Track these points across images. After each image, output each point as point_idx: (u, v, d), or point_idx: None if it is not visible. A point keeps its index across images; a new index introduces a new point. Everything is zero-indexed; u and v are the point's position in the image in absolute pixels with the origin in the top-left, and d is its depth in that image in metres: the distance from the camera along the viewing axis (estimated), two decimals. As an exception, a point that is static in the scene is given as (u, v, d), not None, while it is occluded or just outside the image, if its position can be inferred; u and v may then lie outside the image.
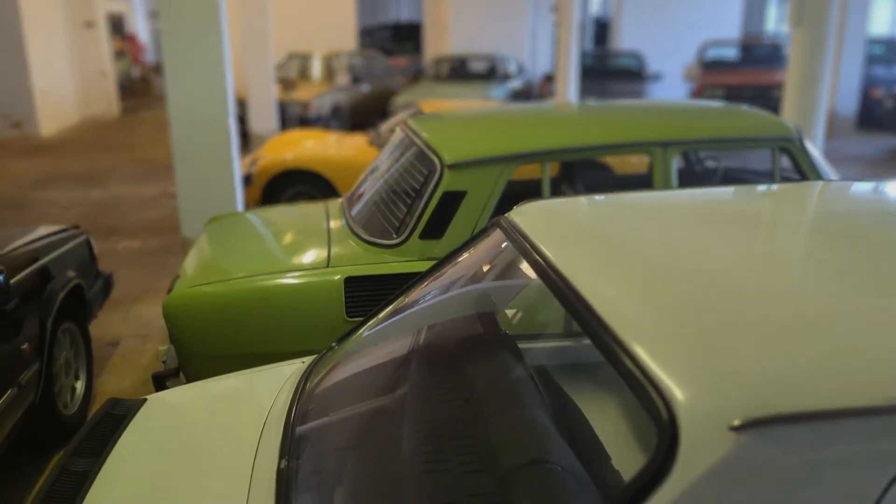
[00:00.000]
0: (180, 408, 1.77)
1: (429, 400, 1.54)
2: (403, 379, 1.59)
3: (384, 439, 1.45)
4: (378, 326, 1.78)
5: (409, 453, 1.40)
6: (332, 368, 1.68)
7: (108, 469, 1.50)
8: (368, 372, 1.68)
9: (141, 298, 4.78)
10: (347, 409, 1.55)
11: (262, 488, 1.33)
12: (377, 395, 1.58)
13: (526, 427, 1.37)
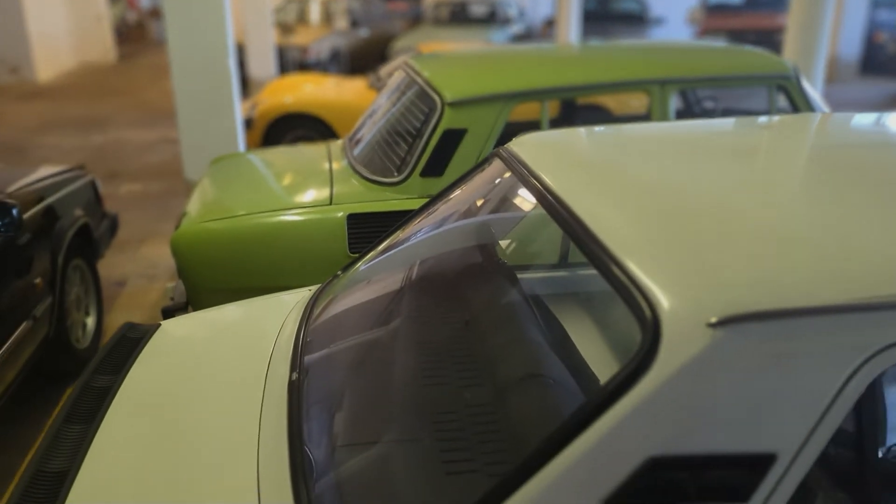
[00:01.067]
0: (194, 331, 1.85)
1: (430, 323, 1.62)
2: (406, 304, 1.67)
3: (388, 358, 1.53)
4: (381, 256, 1.85)
5: (412, 370, 1.49)
6: (337, 294, 1.76)
7: (127, 385, 1.60)
8: (372, 298, 1.76)
9: (146, 240, 4.85)
10: (352, 330, 1.63)
11: (274, 399, 1.42)
12: (381, 319, 1.66)
13: (521, 345, 1.46)
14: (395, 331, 1.58)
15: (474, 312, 1.64)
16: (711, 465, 0.89)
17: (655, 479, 0.89)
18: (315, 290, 1.87)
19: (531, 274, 1.97)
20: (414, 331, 1.58)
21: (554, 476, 0.91)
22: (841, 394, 0.90)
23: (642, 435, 0.90)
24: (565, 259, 2.03)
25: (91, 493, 1.28)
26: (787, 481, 0.90)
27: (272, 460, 1.26)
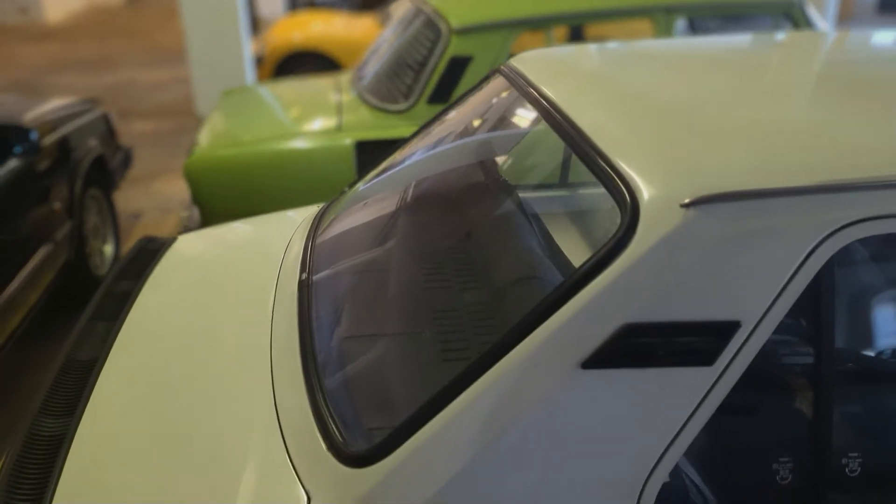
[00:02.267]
0: (209, 243, 1.95)
1: (432, 234, 1.71)
2: (409, 217, 1.75)
3: (392, 263, 1.62)
4: (386, 173, 1.93)
5: (414, 274, 1.58)
6: (344, 209, 1.85)
7: (147, 289, 1.70)
8: (377, 212, 1.84)
9: (159, 175, 4.94)
10: (358, 238, 1.72)
11: (285, 299, 1.52)
12: (386, 230, 1.75)
13: (517, 253, 1.54)
14: (399, 239, 1.67)
15: (475, 225, 1.72)
16: (680, 331, 0.98)
17: (629, 344, 0.98)
18: (323, 206, 1.96)
19: (531, 192, 2.05)
20: (417, 240, 1.66)
21: (538, 342, 1.00)
22: (802, 268, 0.98)
23: (619, 304, 0.98)
24: (565, 178, 2.10)
25: (117, 380, 1.39)
26: (749, 347, 0.98)
27: (285, 355, 1.36)
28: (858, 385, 1.11)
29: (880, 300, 1.13)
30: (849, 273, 1.03)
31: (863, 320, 1.11)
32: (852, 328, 1.10)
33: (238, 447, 1.17)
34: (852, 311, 1.08)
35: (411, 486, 1.01)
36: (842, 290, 1.01)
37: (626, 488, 1.00)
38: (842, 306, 1.03)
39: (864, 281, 1.09)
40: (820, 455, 1.02)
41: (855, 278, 1.07)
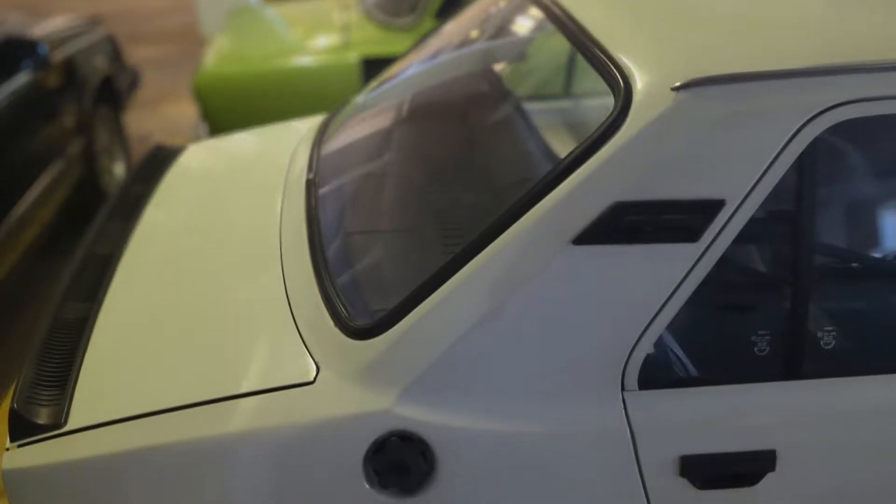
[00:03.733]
0: (220, 150, 2.00)
1: (435, 139, 1.75)
2: (412, 123, 1.78)
3: (396, 166, 1.66)
4: (390, 82, 1.96)
5: (418, 176, 1.63)
6: (350, 115, 1.88)
7: (160, 193, 1.76)
8: (382, 118, 1.87)
9: (167, 98, 4.96)
10: (363, 142, 1.76)
11: (293, 195, 1.58)
12: (390, 134, 1.78)
13: (518, 157, 1.58)
14: (402, 143, 1.71)
15: (475, 130, 1.76)
16: (667, 209, 1.03)
17: (619, 221, 1.03)
18: (329, 114, 1.99)
19: (532, 100, 2.07)
20: (419, 144, 1.70)
21: (532, 220, 1.05)
22: (786, 149, 1.02)
23: (610, 183, 1.03)
24: (567, 90, 2.13)
25: (135, 270, 1.46)
26: (733, 224, 1.03)
27: (294, 245, 1.42)
28: (837, 263, 1.17)
29: (862, 183, 1.18)
30: (831, 156, 1.07)
31: (844, 201, 1.16)
32: (834, 209, 1.15)
33: (251, 326, 1.25)
34: (834, 192, 1.13)
35: (412, 354, 1.09)
36: (824, 173, 1.06)
37: (612, 359, 1.07)
38: (824, 188, 1.08)
39: (847, 163, 1.14)
40: (797, 329, 1.08)
41: (838, 161, 1.12)
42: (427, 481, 1.09)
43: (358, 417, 1.08)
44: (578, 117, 2.01)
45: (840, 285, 1.15)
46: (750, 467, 1.09)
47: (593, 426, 1.09)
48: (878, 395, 1.10)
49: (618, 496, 1.11)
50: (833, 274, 1.15)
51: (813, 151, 1.03)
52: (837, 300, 1.15)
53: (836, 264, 1.16)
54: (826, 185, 1.08)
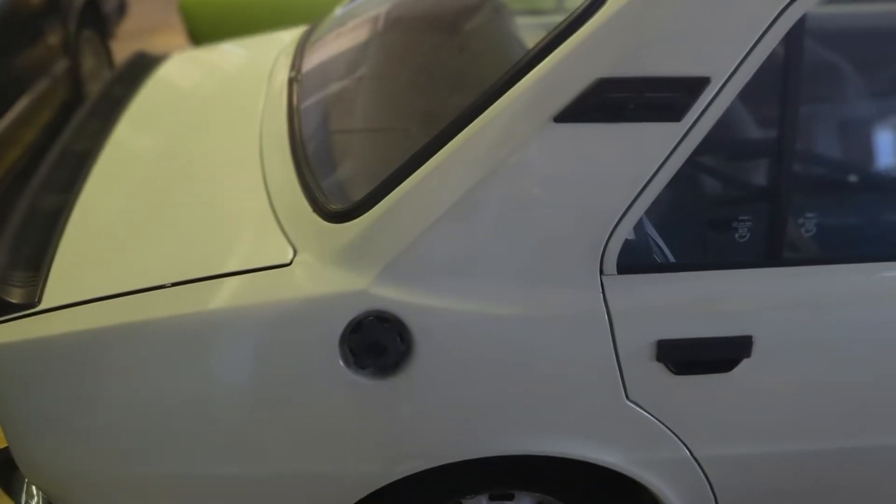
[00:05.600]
0: (204, 58, 1.96)
1: (425, 48, 1.70)
2: (393, 28, 1.73)
3: (375, 66, 1.61)
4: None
5: (406, 80, 1.59)
6: (334, 23, 1.83)
7: (142, 94, 1.73)
8: (368, 25, 1.83)
9: (157, 30, 4.86)
10: (348, 47, 1.72)
11: (275, 93, 1.55)
12: (377, 41, 1.74)
13: (501, 59, 1.54)
14: (384, 44, 1.66)
15: (469, 42, 1.72)
16: (651, 86, 1.00)
17: (601, 98, 1.01)
18: (314, 23, 1.95)
19: (527, 18, 2.03)
20: (402, 46, 1.65)
21: (514, 97, 1.03)
22: (773, 26, 0.99)
23: (593, 60, 1.00)
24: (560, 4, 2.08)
25: (114, 165, 1.44)
26: (718, 104, 1.01)
27: (274, 137, 1.39)
28: (822, 148, 1.15)
29: (852, 64, 1.16)
30: (821, 34, 1.05)
31: (834, 82, 1.14)
32: (822, 90, 1.13)
33: (229, 214, 1.23)
34: (823, 72, 1.11)
35: (390, 235, 1.07)
36: (813, 52, 1.04)
37: (591, 242, 1.06)
38: (812, 68, 1.05)
39: (838, 43, 1.11)
40: (778, 215, 1.07)
41: (828, 40, 1.09)
42: (403, 362, 1.09)
43: (334, 297, 1.07)
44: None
45: (824, 171, 1.13)
46: (726, 353, 1.09)
47: (571, 309, 1.08)
48: (857, 283, 1.10)
49: (593, 379, 1.11)
50: (817, 160, 1.13)
51: (801, 28, 1.00)
52: (821, 187, 1.13)
53: (821, 149, 1.14)
54: (815, 66, 1.06)
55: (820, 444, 1.18)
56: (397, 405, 1.11)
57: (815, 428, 1.17)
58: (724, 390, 1.12)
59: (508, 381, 1.10)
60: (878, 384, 1.14)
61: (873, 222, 1.13)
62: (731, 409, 1.14)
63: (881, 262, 1.10)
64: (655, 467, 1.18)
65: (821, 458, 1.20)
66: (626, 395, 1.12)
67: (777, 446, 1.18)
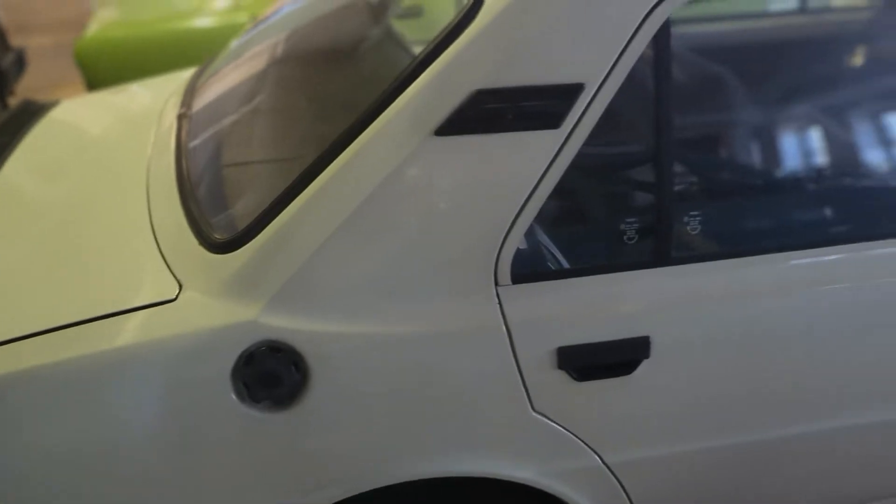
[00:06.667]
0: (95, 101, 1.90)
1: (313, 78, 1.68)
2: (290, 64, 1.71)
3: (272, 102, 1.59)
4: (262, 24, 1.88)
5: (295, 111, 1.56)
6: (224, 58, 1.81)
7: (29, 138, 1.66)
8: (257, 56, 1.80)
9: (60, 85, 4.73)
10: (231, 77, 1.67)
11: (164, 131, 1.51)
12: (264, 74, 1.71)
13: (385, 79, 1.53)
14: (278, 80, 1.64)
15: (356, 67, 1.70)
16: (527, 95, 1.01)
17: (480, 109, 1.01)
18: (206, 62, 1.92)
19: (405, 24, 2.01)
20: (297, 79, 1.64)
21: (393, 113, 1.02)
22: (640, 28, 1.02)
23: (469, 71, 1.01)
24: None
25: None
26: (594, 109, 1.03)
27: (160, 172, 1.35)
28: (699, 146, 1.18)
29: (720, 61, 1.19)
30: (688, 35, 1.08)
31: (704, 80, 1.17)
32: (695, 89, 1.16)
33: (114, 255, 1.18)
34: (694, 72, 1.14)
35: (277, 262, 1.04)
36: (682, 52, 1.07)
37: (483, 254, 1.06)
38: (683, 68, 1.08)
39: (704, 42, 1.15)
40: (663, 215, 1.09)
41: (693, 41, 1.12)
42: (300, 392, 1.05)
43: (222, 330, 1.03)
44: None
45: (704, 169, 1.16)
46: (625, 355, 1.09)
47: (469, 324, 1.07)
48: (745, 277, 1.12)
49: (498, 394, 1.09)
50: (697, 158, 1.16)
51: (666, 31, 1.03)
52: (702, 185, 1.16)
53: (700, 149, 1.17)
54: (684, 64, 1.09)
55: (728, 439, 1.19)
56: (298, 437, 1.07)
57: (720, 424, 1.18)
58: (627, 393, 1.12)
59: (410, 402, 1.08)
60: (776, 375, 1.16)
61: (755, 217, 1.16)
62: (637, 412, 1.14)
63: (764, 254, 1.12)
64: (568, 478, 1.17)
65: (732, 454, 1.21)
66: (531, 407, 1.11)
67: (686, 445, 1.18)
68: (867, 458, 1.27)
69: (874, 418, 1.23)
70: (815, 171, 1.21)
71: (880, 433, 1.25)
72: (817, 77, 1.27)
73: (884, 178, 1.20)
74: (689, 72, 1.14)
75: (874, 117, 1.24)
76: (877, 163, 1.22)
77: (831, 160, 1.21)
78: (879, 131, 1.24)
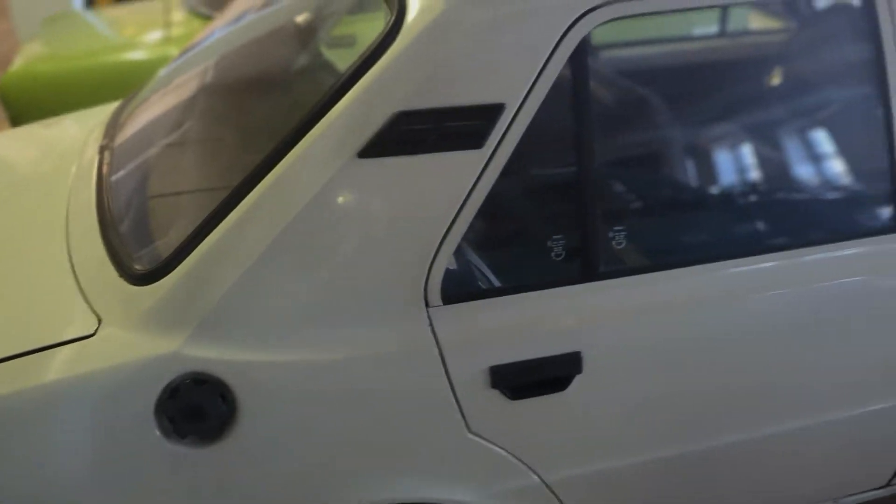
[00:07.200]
0: (19, 135, 1.85)
1: (237, 107, 1.65)
2: (213, 94, 1.68)
3: (195, 133, 1.55)
4: (195, 49, 1.85)
5: (219, 141, 1.53)
6: (147, 90, 1.77)
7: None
8: (182, 88, 1.77)
9: (-13, 121, 4.58)
10: (152, 108, 1.64)
11: (86, 163, 1.47)
12: (187, 104, 1.67)
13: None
14: (201, 110, 1.61)
15: (281, 91, 1.67)
16: (449, 116, 1.02)
17: (402, 131, 1.01)
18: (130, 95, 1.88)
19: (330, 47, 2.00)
20: (221, 109, 1.61)
21: (315, 137, 1.01)
22: (557, 49, 1.04)
23: (390, 94, 1.01)
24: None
25: None
26: (515, 128, 1.04)
27: (81, 205, 1.31)
28: (622, 163, 1.20)
29: (636, 80, 1.22)
30: (603, 54, 1.10)
31: (623, 98, 1.20)
32: (614, 107, 1.18)
33: (31, 291, 1.14)
34: (612, 90, 1.17)
35: (200, 292, 1.02)
36: (598, 71, 1.09)
37: (412, 275, 1.05)
38: (601, 87, 1.11)
39: (619, 61, 1.18)
40: (588, 232, 1.10)
41: (610, 59, 1.15)
42: (228, 424, 1.02)
43: (143, 363, 0.99)
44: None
45: (626, 185, 1.18)
46: (557, 371, 1.10)
47: (401, 347, 1.06)
48: (671, 289, 1.14)
49: (433, 417, 1.08)
50: (619, 174, 1.18)
51: (584, 51, 1.05)
52: (626, 200, 1.18)
53: (622, 164, 1.19)
54: (603, 84, 1.11)
55: (664, 451, 1.20)
56: (228, 472, 1.04)
57: (656, 436, 1.19)
58: (562, 409, 1.12)
59: (345, 429, 1.06)
60: (706, 385, 1.18)
61: (678, 231, 1.19)
62: (573, 428, 1.14)
63: (689, 266, 1.14)
64: (509, 499, 1.16)
65: (668, 466, 1.22)
66: (467, 429, 1.10)
67: (623, 460, 1.18)
68: (799, 464, 1.30)
69: (804, 423, 1.25)
70: (735, 186, 1.24)
71: (811, 438, 1.28)
72: (734, 95, 1.31)
73: (800, 190, 1.25)
74: (610, 91, 1.16)
75: (787, 133, 1.28)
76: (792, 176, 1.26)
77: (749, 175, 1.25)
78: (794, 146, 1.29)
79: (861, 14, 1.19)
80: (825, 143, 1.25)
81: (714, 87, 1.34)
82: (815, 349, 1.21)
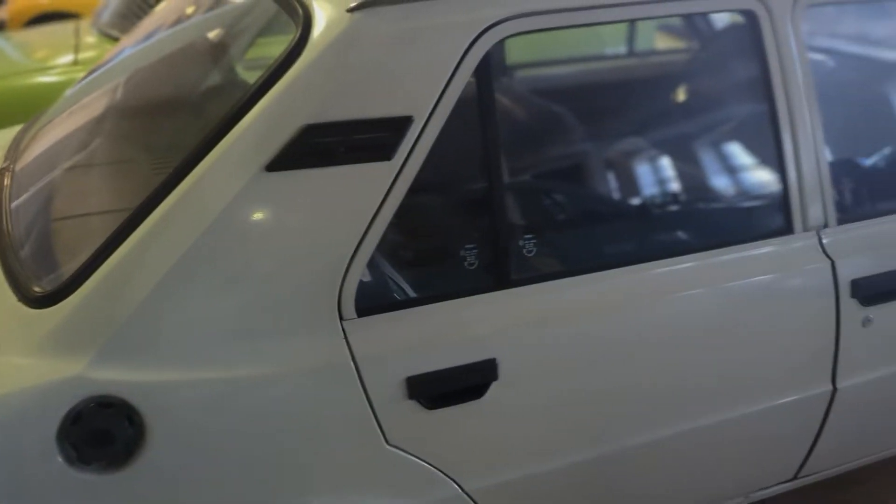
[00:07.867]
0: None
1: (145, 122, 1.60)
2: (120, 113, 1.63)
3: (99, 152, 1.50)
4: (101, 69, 1.80)
5: (127, 160, 1.49)
6: (56, 110, 1.71)
7: None
8: (86, 109, 1.71)
9: None
10: (54, 130, 1.58)
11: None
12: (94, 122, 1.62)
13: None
14: (107, 128, 1.56)
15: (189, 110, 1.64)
16: (357, 129, 1.03)
17: (310, 144, 1.01)
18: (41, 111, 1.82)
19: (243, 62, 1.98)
20: (125, 126, 1.56)
21: (221, 152, 1.00)
22: (462, 63, 1.06)
23: (297, 107, 1.01)
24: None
25: None
26: (424, 140, 1.05)
27: None
28: (529, 173, 1.23)
29: (540, 92, 1.26)
30: (507, 68, 1.13)
31: (528, 110, 1.23)
32: (520, 118, 1.21)
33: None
34: (517, 102, 1.20)
35: (104, 312, 0.99)
36: (503, 84, 1.12)
37: (325, 289, 1.04)
38: (506, 99, 1.13)
39: (522, 75, 1.21)
40: (499, 241, 1.12)
41: (514, 72, 1.18)
42: (136, 448, 0.98)
43: (43, 388, 0.95)
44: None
45: (535, 194, 1.21)
46: (473, 378, 1.10)
47: (315, 361, 1.05)
48: (581, 294, 1.17)
49: (350, 430, 1.07)
50: (527, 184, 1.21)
51: (488, 64, 1.08)
52: (534, 209, 1.21)
53: (528, 174, 1.22)
54: (510, 97, 1.14)
55: (581, 455, 1.22)
56: (138, 498, 1.00)
57: (572, 440, 1.20)
58: (480, 417, 1.13)
59: (261, 447, 1.04)
60: (620, 386, 1.21)
61: (586, 237, 1.22)
62: (492, 436, 1.15)
63: (598, 271, 1.18)
64: (431, 510, 1.15)
65: (587, 469, 1.24)
66: (385, 440, 1.09)
67: (542, 466, 1.20)
68: (713, 459, 1.34)
69: (716, 420, 1.29)
70: (637, 194, 1.29)
71: (723, 434, 1.32)
72: (637, 109, 1.37)
73: (696, 197, 1.30)
74: (517, 104, 1.19)
75: (689, 145, 1.34)
76: (692, 184, 1.32)
77: (650, 183, 1.30)
78: (695, 157, 1.35)
79: (748, 35, 1.26)
80: (719, 153, 1.31)
81: (618, 101, 1.39)
82: (723, 348, 1.25)
